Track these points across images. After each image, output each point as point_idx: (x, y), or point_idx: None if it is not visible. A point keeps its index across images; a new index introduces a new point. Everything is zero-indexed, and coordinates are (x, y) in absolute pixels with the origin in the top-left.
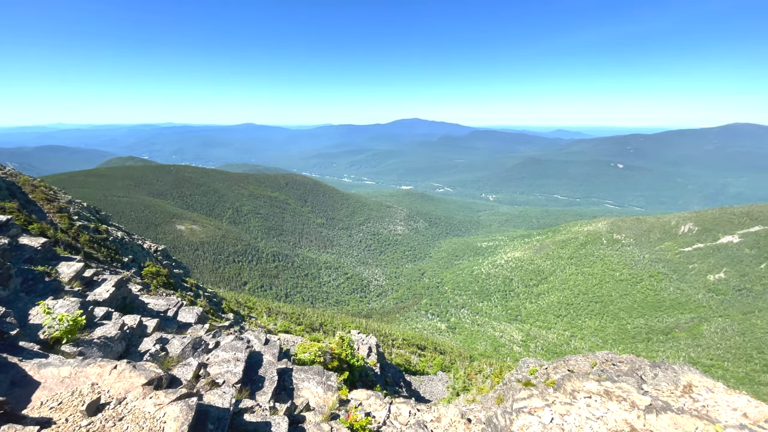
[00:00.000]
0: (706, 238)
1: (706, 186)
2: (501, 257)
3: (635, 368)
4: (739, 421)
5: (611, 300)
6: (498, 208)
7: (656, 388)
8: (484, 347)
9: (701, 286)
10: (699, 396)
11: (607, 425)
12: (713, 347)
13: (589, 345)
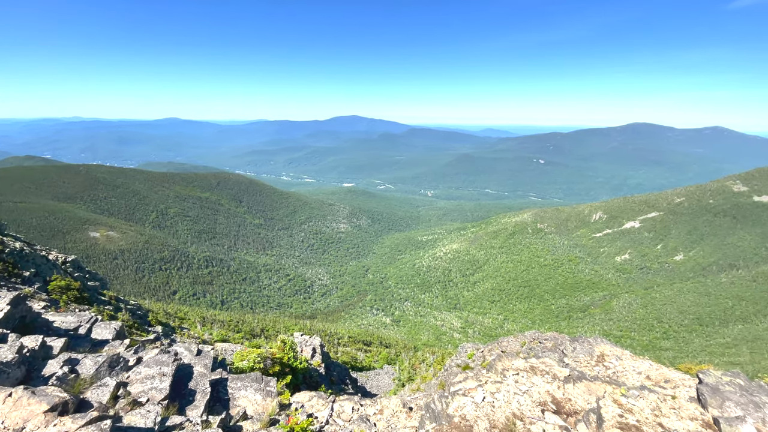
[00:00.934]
0: (613, 224)
1: (612, 178)
2: (440, 250)
3: (558, 344)
4: (642, 383)
5: (537, 284)
6: (436, 203)
7: (575, 360)
8: (427, 337)
9: (611, 267)
10: (610, 364)
11: (532, 398)
12: (622, 320)
13: (520, 326)
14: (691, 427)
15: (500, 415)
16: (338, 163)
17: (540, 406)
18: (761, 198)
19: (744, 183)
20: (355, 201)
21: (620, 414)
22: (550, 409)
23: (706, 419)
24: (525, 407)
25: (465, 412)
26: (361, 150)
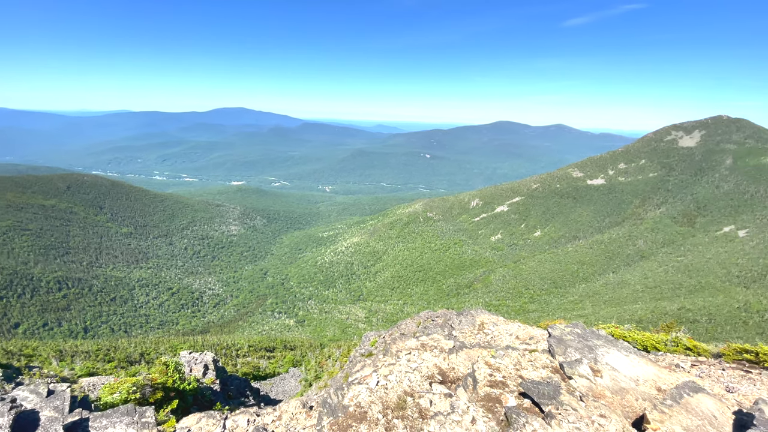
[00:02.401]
0: (487, 209)
1: (485, 169)
2: (342, 244)
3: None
4: (511, 343)
5: (430, 267)
6: (335, 198)
7: (461, 331)
8: (333, 332)
9: (488, 246)
10: (489, 330)
11: (421, 373)
12: (498, 291)
13: (418, 308)
14: (543, 374)
15: (393, 395)
16: (225, 160)
17: (428, 379)
18: (593, 181)
19: (580, 170)
20: (247, 200)
21: (490, 373)
22: (437, 380)
23: (554, 365)
24: (415, 383)
25: (360, 400)
26: (251, 145)
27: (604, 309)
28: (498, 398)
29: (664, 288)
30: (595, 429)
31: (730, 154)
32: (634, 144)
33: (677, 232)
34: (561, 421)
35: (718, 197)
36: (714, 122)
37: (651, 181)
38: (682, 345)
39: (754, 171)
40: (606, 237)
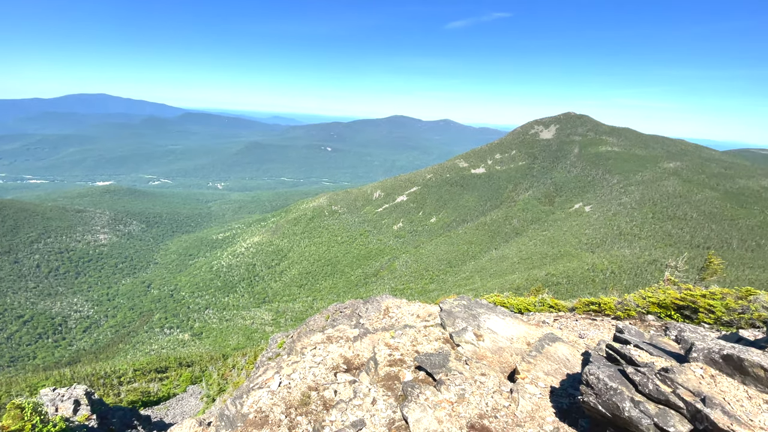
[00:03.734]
0: (389, 200)
1: (384, 162)
2: (241, 245)
3: (355, 309)
4: (412, 322)
5: (338, 260)
6: (229, 195)
7: (368, 318)
8: (237, 340)
9: (391, 235)
10: (393, 314)
11: (326, 365)
12: (403, 275)
13: (327, 302)
14: (436, 346)
15: (296, 393)
16: (84, 156)
17: (333, 370)
18: (476, 171)
19: (465, 161)
20: (118, 203)
21: (389, 354)
22: (342, 369)
23: (445, 336)
24: (320, 376)
25: (261, 405)
26: (120, 138)
27: (490, 281)
28: (397, 375)
29: (534, 258)
30: (477, 386)
31: (577, 145)
32: (507, 137)
33: (542, 210)
34: (449, 386)
35: (570, 180)
36: (565, 118)
37: (521, 168)
38: (546, 304)
39: (594, 158)
40: (488, 219)
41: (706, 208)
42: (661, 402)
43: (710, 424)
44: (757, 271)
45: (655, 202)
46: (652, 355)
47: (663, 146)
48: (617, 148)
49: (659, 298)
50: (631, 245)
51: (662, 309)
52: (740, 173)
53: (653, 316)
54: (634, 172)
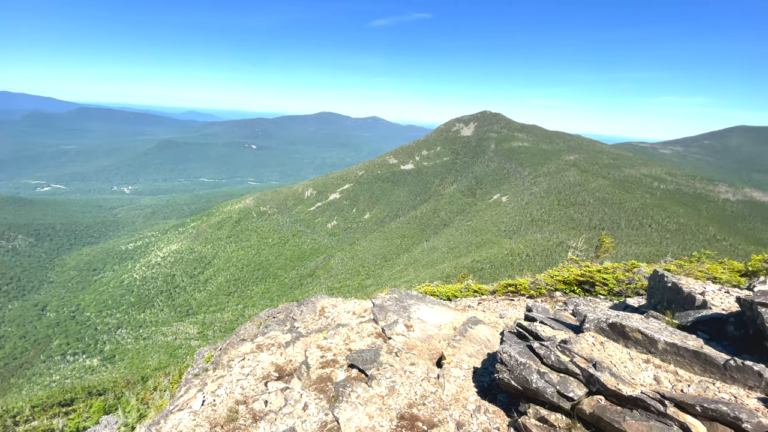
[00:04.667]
0: (321, 198)
1: (315, 159)
2: (156, 255)
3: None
4: (347, 319)
5: (269, 263)
6: (139, 200)
7: (303, 321)
8: (158, 360)
9: (325, 234)
10: (329, 313)
11: (256, 375)
12: (339, 274)
13: (260, 308)
14: (369, 341)
15: (222, 410)
16: None
17: (264, 379)
18: (405, 167)
19: (395, 157)
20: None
21: (321, 355)
22: (273, 378)
23: (378, 331)
24: (249, 388)
25: (181, 428)
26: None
27: (422, 272)
28: (329, 377)
29: (461, 247)
30: (407, 377)
31: (494, 141)
32: (432, 134)
33: (465, 202)
34: (380, 380)
35: (489, 173)
36: (482, 116)
37: (445, 164)
38: (471, 289)
39: (508, 152)
40: (419, 212)
41: (599, 194)
42: (562, 371)
43: (601, 386)
44: (641, 246)
45: (559, 191)
46: (554, 329)
47: (564, 141)
48: (527, 144)
49: (564, 276)
50: (541, 230)
51: (567, 285)
52: (625, 163)
53: (560, 292)
54: (542, 164)
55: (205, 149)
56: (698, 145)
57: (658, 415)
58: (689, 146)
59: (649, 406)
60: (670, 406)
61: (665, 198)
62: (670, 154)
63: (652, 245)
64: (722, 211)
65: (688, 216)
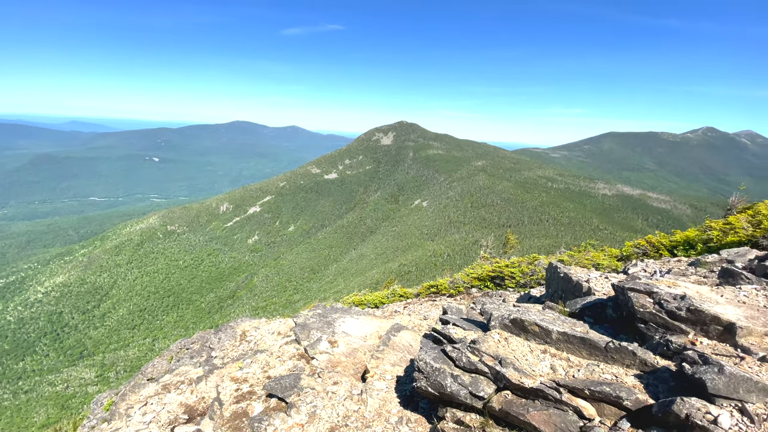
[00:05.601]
0: (239, 212)
1: (230, 171)
2: (36, 291)
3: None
4: (272, 341)
5: (182, 288)
6: (10, 227)
7: (222, 349)
8: (45, 415)
9: (246, 250)
10: (251, 337)
11: (161, 421)
12: (264, 292)
13: (174, 338)
14: (290, 365)
15: None
16: None
17: (170, 425)
18: (328, 176)
19: (317, 167)
20: None
21: (236, 388)
22: (182, 421)
23: (300, 352)
24: None
25: None
26: None
27: (352, 281)
28: (245, 411)
29: (388, 253)
30: (329, 398)
31: (412, 149)
32: (353, 143)
33: (390, 209)
34: (300, 407)
35: (409, 180)
36: (400, 126)
37: (368, 172)
38: (397, 294)
39: (425, 160)
40: (345, 221)
41: (505, 195)
42: (473, 371)
43: (507, 382)
44: (542, 239)
45: (471, 194)
46: (466, 330)
47: (473, 149)
48: (441, 151)
49: (478, 273)
50: (459, 231)
51: (481, 281)
52: (524, 167)
53: (475, 289)
54: (455, 170)
55: (95, 164)
56: (579, 149)
57: (556, 403)
58: (573, 150)
59: (548, 395)
60: (565, 392)
61: (558, 196)
62: (558, 157)
63: (550, 237)
64: (602, 204)
65: (576, 210)
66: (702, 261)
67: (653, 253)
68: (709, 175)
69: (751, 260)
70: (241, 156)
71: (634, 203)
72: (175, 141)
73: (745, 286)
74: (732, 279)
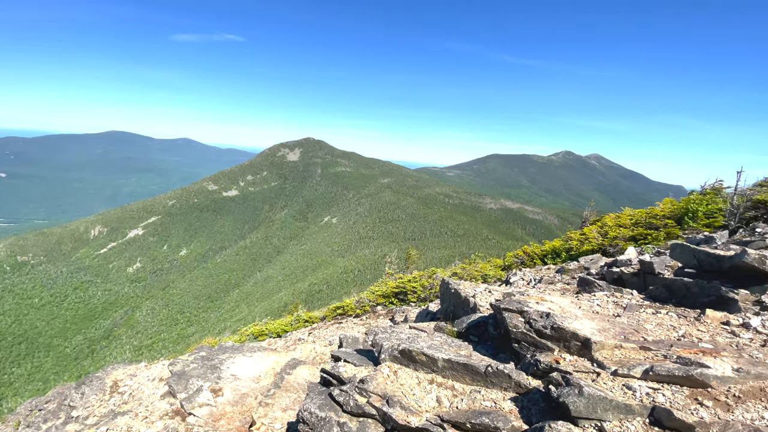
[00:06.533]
0: (116, 236)
1: (104, 188)
2: None
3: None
4: (152, 391)
5: (39, 332)
6: None
7: (86, 406)
8: None
9: (125, 281)
10: (126, 387)
11: None
12: (149, 327)
13: (29, 395)
14: (160, 426)
15: None
16: None
17: None
18: (228, 193)
19: (215, 183)
20: None
21: None
22: None
23: (175, 408)
24: None
25: None
26: None
27: (257, 306)
28: None
29: (297, 272)
30: None
31: (319, 166)
32: (256, 158)
33: (298, 227)
34: None
35: (318, 197)
36: (306, 142)
37: (274, 189)
38: (302, 320)
39: (334, 177)
40: (248, 242)
41: (409, 211)
42: (361, 415)
43: (394, 423)
44: (442, 250)
45: (379, 210)
46: (357, 365)
47: (379, 167)
48: (349, 169)
49: (383, 290)
50: (368, 246)
51: (386, 298)
52: (424, 184)
53: (381, 306)
54: (363, 187)
55: None
56: (470, 168)
57: None
58: (464, 170)
59: None
60: (449, 428)
61: (454, 210)
62: (453, 176)
63: (449, 248)
64: (489, 217)
65: (469, 223)
66: (566, 268)
67: (529, 262)
68: (569, 191)
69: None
70: (119, 171)
71: (514, 215)
72: (29, 153)
73: (599, 293)
74: (588, 287)
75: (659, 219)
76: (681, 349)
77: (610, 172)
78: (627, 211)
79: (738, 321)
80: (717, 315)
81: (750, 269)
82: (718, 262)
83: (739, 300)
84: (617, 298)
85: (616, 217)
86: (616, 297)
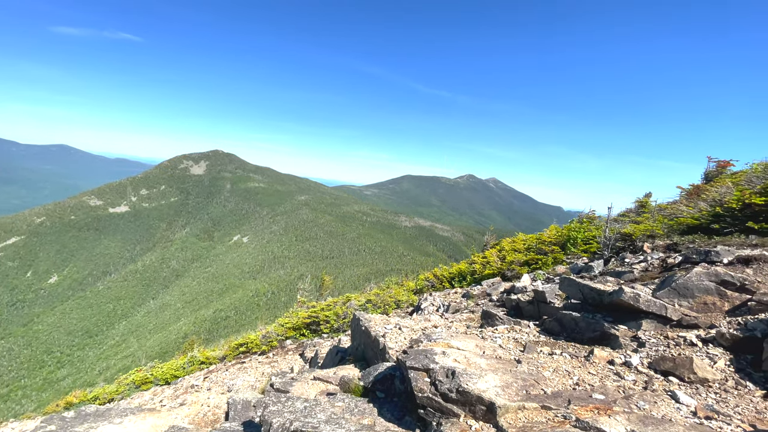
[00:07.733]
0: None
1: None
2: None
3: None
4: None
5: None
6: None
7: None
8: None
9: None
10: None
11: None
12: (5, 373)
13: None
14: None
15: None
16: None
17: None
18: (116, 209)
19: (99, 197)
20: None
21: None
22: None
23: None
24: None
25: None
26: None
27: (150, 339)
28: None
29: (200, 298)
30: None
31: (229, 181)
32: (153, 170)
33: (202, 247)
34: None
35: (226, 214)
36: (214, 155)
37: (173, 205)
38: (197, 361)
39: (245, 193)
40: (140, 265)
41: (327, 228)
42: None
43: None
44: (360, 268)
45: (296, 228)
46: None
47: (295, 183)
48: (263, 185)
49: (293, 322)
50: (284, 266)
51: (296, 331)
52: (342, 202)
53: (290, 340)
54: (278, 204)
55: None
56: (386, 188)
57: None
58: (381, 189)
59: None
60: None
61: (371, 228)
62: (370, 194)
63: (367, 266)
64: (404, 234)
65: (386, 240)
66: (470, 293)
67: (438, 285)
68: (472, 210)
69: (501, 293)
70: None
71: (426, 233)
72: None
73: (500, 327)
74: (491, 320)
75: (547, 245)
76: (578, 407)
77: (505, 194)
78: (520, 236)
79: (621, 359)
80: (603, 354)
81: (626, 306)
82: (599, 296)
83: (620, 336)
84: (517, 332)
85: (511, 242)
86: (515, 331)
